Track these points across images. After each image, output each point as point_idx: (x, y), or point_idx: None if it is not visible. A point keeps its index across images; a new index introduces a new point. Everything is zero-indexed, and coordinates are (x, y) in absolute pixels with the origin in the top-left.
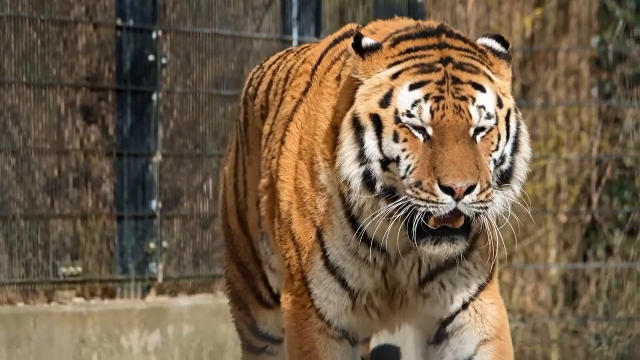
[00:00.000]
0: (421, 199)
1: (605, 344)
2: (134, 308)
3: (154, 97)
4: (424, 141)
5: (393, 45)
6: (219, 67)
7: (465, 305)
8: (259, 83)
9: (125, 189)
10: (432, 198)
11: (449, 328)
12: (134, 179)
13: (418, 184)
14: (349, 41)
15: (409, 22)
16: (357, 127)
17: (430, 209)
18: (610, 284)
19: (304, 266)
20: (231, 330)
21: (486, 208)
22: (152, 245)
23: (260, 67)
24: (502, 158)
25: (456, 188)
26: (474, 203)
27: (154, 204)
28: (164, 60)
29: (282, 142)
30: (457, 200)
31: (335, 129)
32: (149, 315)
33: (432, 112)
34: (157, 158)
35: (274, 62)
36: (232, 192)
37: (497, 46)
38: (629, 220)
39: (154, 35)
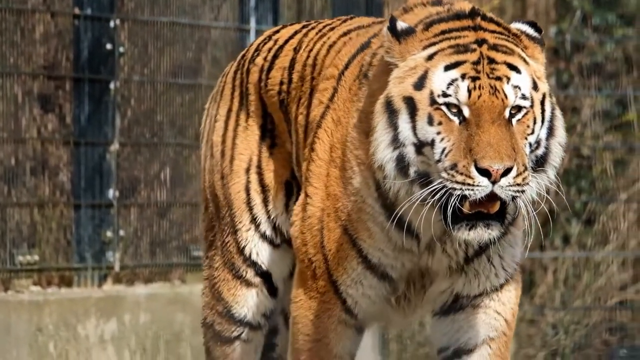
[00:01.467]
0: (457, 182)
1: (562, 333)
2: (91, 296)
3: (112, 86)
4: (460, 123)
5: (426, 28)
6: (176, 56)
7: (502, 285)
8: (275, 57)
9: (82, 178)
10: (468, 180)
11: (464, 302)
12: (91, 167)
13: (454, 166)
14: (376, 46)
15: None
16: (391, 111)
17: (466, 192)
18: (567, 274)
19: (333, 271)
20: (188, 319)
21: (523, 191)
22: (109, 233)
23: (268, 39)
24: (538, 142)
25: (493, 170)
26: (511, 186)
27: (111, 193)
28: (121, 49)
29: (312, 149)
30: (494, 183)
31: (367, 133)
32: (106, 304)
33: (469, 91)
34: (115, 147)
35: (291, 37)
36: (219, 157)
37: (530, 31)
38: (586, 210)
39: (111, 24)
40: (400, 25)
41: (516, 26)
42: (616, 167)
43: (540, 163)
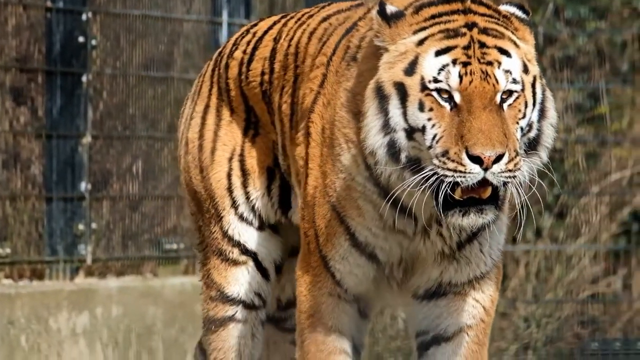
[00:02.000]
0: (448, 169)
1: (534, 326)
2: (63, 289)
3: (84, 78)
4: (451, 110)
5: (416, 12)
6: (148, 49)
7: (486, 272)
8: (255, 49)
9: (54, 171)
10: (460, 168)
11: (447, 289)
12: (63, 160)
13: (445, 153)
14: (364, 29)
15: None
16: (381, 97)
17: (458, 179)
18: (539, 267)
19: (322, 246)
20: (160, 312)
21: (514, 177)
22: (81, 226)
23: (247, 32)
24: (530, 125)
25: (485, 157)
26: (503, 172)
27: (83, 186)
28: (93, 42)
29: (308, 134)
30: (486, 169)
31: (356, 113)
32: (78, 297)
33: (460, 77)
34: (87, 140)
35: (270, 28)
36: (196, 152)
37: (520, 13)
38: (558, 203)
39: (83, 16)
40: (390, 8)
41: (505, 8)
42: (588, 160)
43: (532, 145)
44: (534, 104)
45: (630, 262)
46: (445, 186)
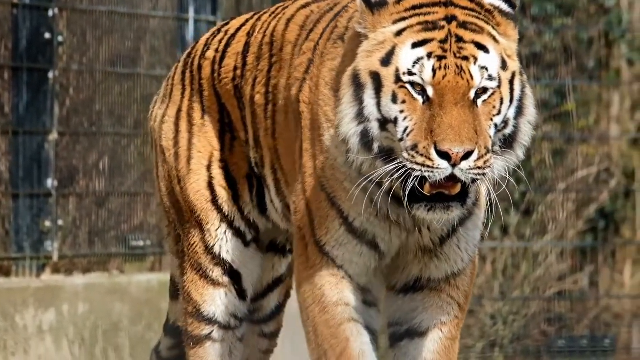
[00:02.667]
0: (417, 163)
1: (501, 323)
2: (29, 286)
3: (50, 75)
4: (423, 103)
5: (398, 1)
6: (115, 45)
7: (462, 269)
8: (227, 45)
9: (20, 167)
10: (428, 162)
11: (424, 284)
12: (30, 157)
13: (414, 147)
14: (352, 11)
15: None
16: (357, 85)
17: (426, 174)
18: (505, 264)
19: (317, 230)
20: (126, 309)
21: (484, 174)
22: (47, 223)
23: (218, 32)
24: (505, 122)
25: (453, 153)
26: (471, 169)
27: (50, 182)
28: (60, 38)
29: (300, 126)
30: (454, 166)
31: (337, 92)
32: (44, 294)
33: (434, 70)
34: (53, 136)
35: (243, 24)
36: (172, 161)
37: (504, 6)
38: (525, 200)
39: (50, 13)
40: None
41: (490, 1)
42: (555, 157)
43: (508, 142)
44: (510, 101)
45: (597, 259)
46: (413, 180)
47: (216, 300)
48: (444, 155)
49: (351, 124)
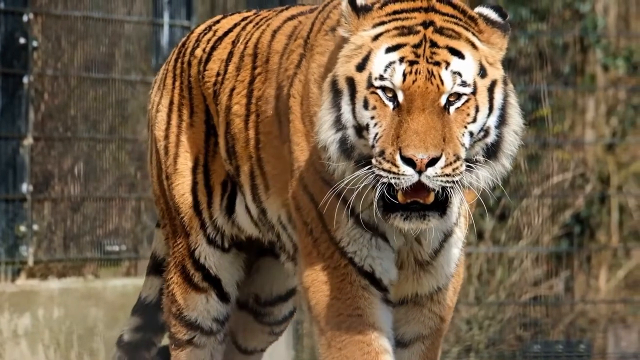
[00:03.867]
0: (384, 169)
1: (476, 328)
2: (4, 291)
3: (25, 80)
4: (393, 109)
5: (381, 7)
6: (89, 50)
7: (445, 284)
8: (213, 48)
9: None
10: (394, 169)
11: (409, 298)
12: (5, 161)
13: (382, 153)
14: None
15: None
16: (335, 91)
17: (392, 180)
18: (481, 269)
19: (329, 225)
20: (101, 314)
21: (454, 182)
22: (22, 228)
23: (208, 29)
24: (486, 131)
25: (417, 159)
26: (439, 176)
27: (25, 187)
28: (35, 43)
29: (290, 121)
30: (420, 172)
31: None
32: (19, 299)
33: (404, 75)
34: (28, 141)
35: (230, 30)
36: (163, 154)
37: (492, 15)
38: (500, 205)
39: (24, 18)
40: (360, 0)
41: (478, 10)
42: (530, 162)
43: (492, 152)
44: (490, 109)
45: (572, 265)
46: (380, 187)
47: (198, 306)
48: (409, 162)
49: (329, 131)
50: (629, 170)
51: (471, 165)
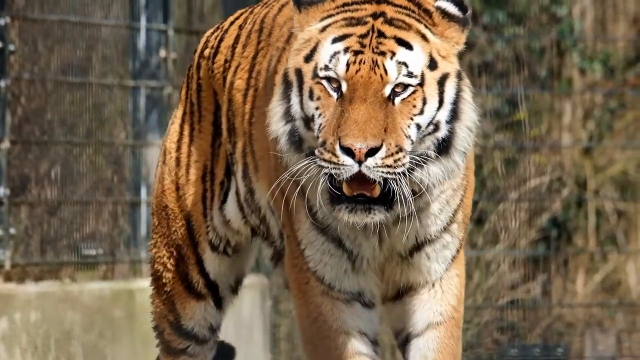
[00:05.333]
0: (325, 160)
1: None
2: None
3: (2, 83)
4: (337, 99)
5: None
6: (66, 54)
7: (438, 278)
8: (221, 40)
9: None
10: (334, 159)
11: (411, 290)
12: None
13: (323, 143)
14: None
15: None
16: (286, 83)
17: (333, 171)
18: None
19: (295, 225)
20: (78, 317)
21: (395, 173)
22: None
23: (218, 29)
24: (436, 125)
25: (355, 149)
26: (379, 167)
27: (2, 191)
28: (12, 47)
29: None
30: (360, 163)
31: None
32: None
33: (348, 65)
34: (5, 145)
35: (237, 19)
36: (173, 166)
37: (451, 8)
38: (477, 209)
39: (1, 21)
40: None
41: (437, 3)
42: (507, 166)
43: (444, 147)
44: (440, 102)
45: (549, 268)
46: (322, 178)
47: (196, 314)
48: (348, 151)
49: (279, 122)
50: (606, 174)
51: (422, 160)
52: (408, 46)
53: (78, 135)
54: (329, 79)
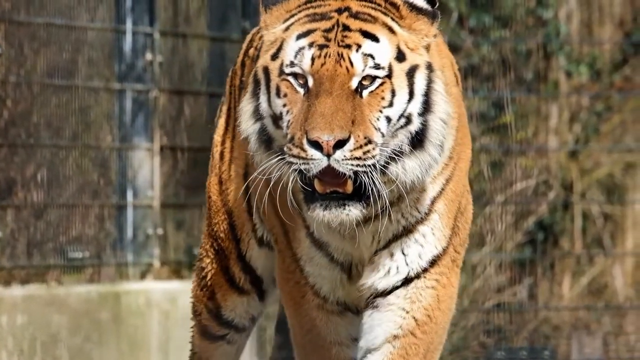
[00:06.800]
0: (293, 155)
1: None
2: None
3: None
4: (304, 95)
5: None
6: (52, 57)
7: (408, 281)
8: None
9: None
10: (302, 154)
11: (379, 301)
12: None
13: (292, 139)
14: None
15: None
16: (255, 82)
17: (302, 166)
18: None
19: (293, 242)
20: (65, 320)
21: (365, 166)
22: None
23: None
24: (407, 117)
25: (322, 141)
26: (348, 160)
27: None
28: None
29: None
30: (328, 156)
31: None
32: None
33: (313, 59)
34: None
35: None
36: (218, 160)
37: (418, 1)
38: None
39: None
40: None
41: None
42: (493, 169)
43: (418, 140)
44: (410, 94)
45: (536, 272)
46: (293, 173)
47: (237, 307)
48: (315, 145)
49: (249, 121)
50: (592, 177)
51: (396, 155)
52: (374, 38)
53: (64, 138)
54: (295, 75)
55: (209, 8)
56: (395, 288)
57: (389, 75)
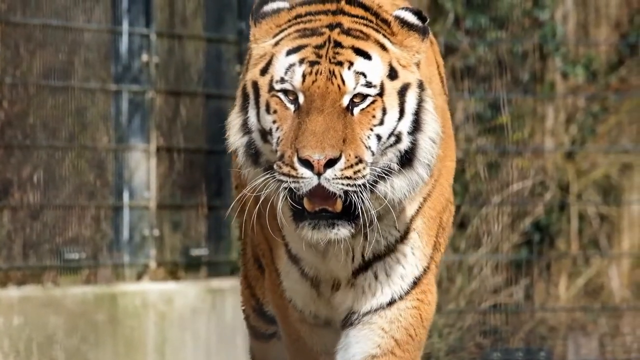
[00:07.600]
0: (283, 173)
1: (436, 336)
2: None
3: None
4: (294, 111)
5: (288, 10)
6: (49, 58)
7: (390, 303)
8: None
9: None
10: (293, 172)
11: (356, 318)
12: None
13: (282, 157)
14: None
15: None
16: (244, 95)
17: (292, 185)
18: (441, 277)
19: (275, 258)
20: (61, 322)
21: (356, 185)
22: None
23: None
24: (397, 136)
25: (313, 160)
26: (339, 179)
27: None
28: None
29: None
30: (319, 175)
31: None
32: None
33: (304, 76)
34: None
35: None
36: None
37: (409, 18)
38: (459, 213)
39: None
40: (266, 8)
41: (395, 13)
42: (489, 170)
43: (407, 159)
44: (401, 113)
45: (532, 272)
46: (283, 192)
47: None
48: (306, 164)
49: (237, 135)
50: (589, 178)
51: (385, 173)
52: (366, 56)
53: (60, 140)
54: (285, 92)
55: (205, 9)
56: (377, 310)
57: (381, 94)
